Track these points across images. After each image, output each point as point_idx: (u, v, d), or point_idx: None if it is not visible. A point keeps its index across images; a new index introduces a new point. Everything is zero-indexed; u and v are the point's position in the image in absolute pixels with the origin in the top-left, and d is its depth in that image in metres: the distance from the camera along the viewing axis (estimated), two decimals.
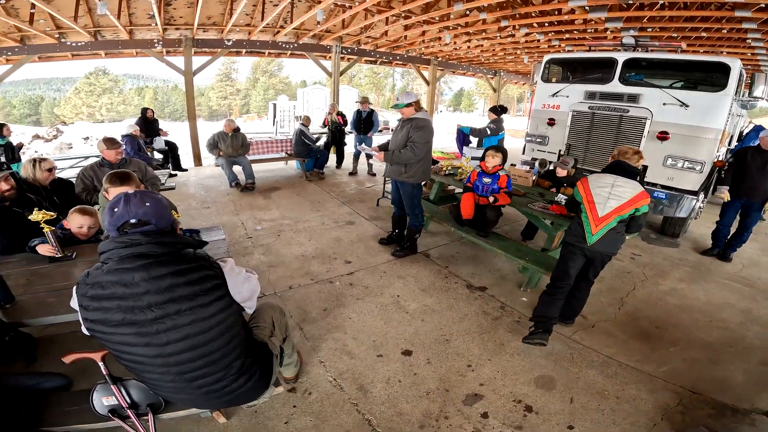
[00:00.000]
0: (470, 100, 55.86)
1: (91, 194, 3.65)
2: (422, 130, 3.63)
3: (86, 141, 15.82)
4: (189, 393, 1.51)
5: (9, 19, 6.06)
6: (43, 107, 44.34)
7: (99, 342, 1.38)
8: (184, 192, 6.55)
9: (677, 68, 5.03)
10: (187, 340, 1.34)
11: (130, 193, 1.36)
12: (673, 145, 4.68)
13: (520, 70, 15.71)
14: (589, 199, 2.69)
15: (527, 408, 2.30)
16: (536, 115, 5.99)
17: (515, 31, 8.01)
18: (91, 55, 9.20)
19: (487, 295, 3.55)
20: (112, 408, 1.54)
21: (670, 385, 2.53)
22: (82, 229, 2.59)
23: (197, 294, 1.32)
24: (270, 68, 48.59)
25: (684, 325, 3.23)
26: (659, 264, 4.43)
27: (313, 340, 2.83)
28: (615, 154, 2.79)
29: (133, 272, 1.26)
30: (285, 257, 4.16)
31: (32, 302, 1.93)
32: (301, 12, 7.96)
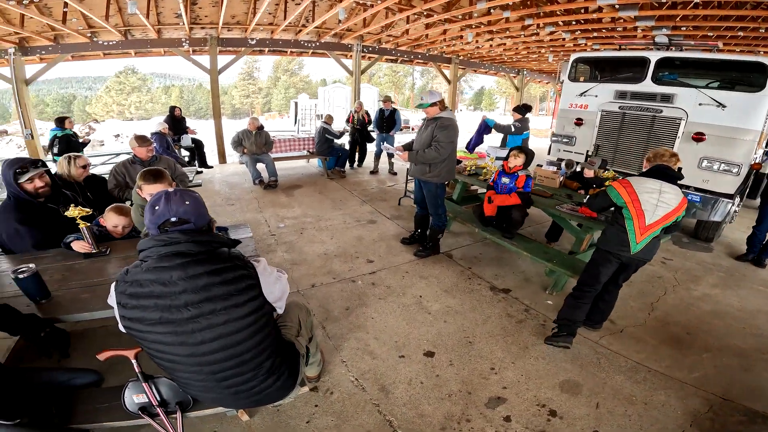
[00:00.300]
0: (491, 98, 55.13)
1: (123, 190, 3.76)
2: (447, 130, 3.59)
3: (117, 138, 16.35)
4: (218, 392, 1.52)
5: (43, 17, 6.29)
6: (75, 105, 46.03)
7: (135, 340, 1.39)
8: (210, 189, 6.69)
9: (713, 68, 4.83)
10: (220, 339, 1.35)
11: (170, 191, 1.38)
12: (709, 147, 4.51)
13: (544, 69, 15.42)
14: (636, 206, 2.49)
15: (551, 412, 2.26)
16: (563, 115, 5.86)
17: (540, 30, 7.86)
18: (121, 54, 9.52)
19: (511, 297, 3.50)
20: (142, 405, 1.56)
21: (701, 391, 2.46)
22: (117, 228, 2.65)
23: (232, 294, 1.33)
24: (291, 67, 49.17)
25: (716, 332, 3.13)
26: (692, 269, 4.28)
27: (336, 339, 2.84)
28: (650, 157, 2.64)
29: (171, 271, 1.28)
30: (308, 255, 4.20)
31: (67, 298, 1.94)
32: (323, 11, 8.02)
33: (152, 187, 2.43)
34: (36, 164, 2.57)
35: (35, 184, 2.52)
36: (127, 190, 3.76)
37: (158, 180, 2.43)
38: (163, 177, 2.45)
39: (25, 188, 2.50)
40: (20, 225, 2.48)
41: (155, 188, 2.43)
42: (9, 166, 2.47)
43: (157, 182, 2.42)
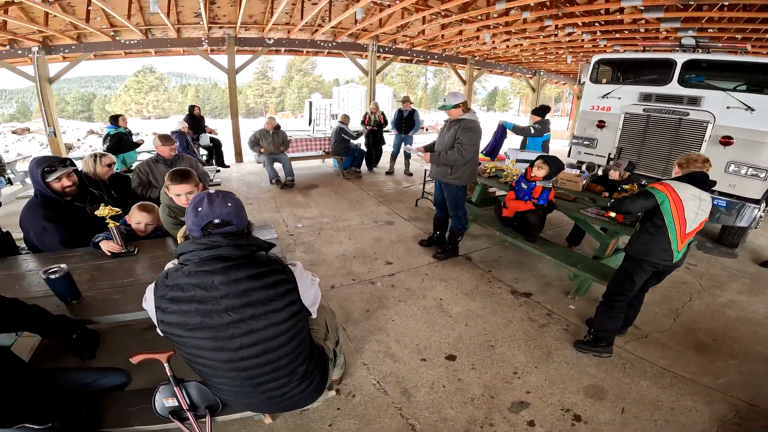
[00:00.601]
0: (504, 99, 54.73)
1: (146, 189, 3.82)
2: (470, 132, 3.57)
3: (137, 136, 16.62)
4: (253, 397, 1.51)
5: (66, 15, 6.40)
6: (95, 104, 47.07)
7: (173, 345, 1.38)
8: (227, 188, 6.73)
9: (741, 70, 4.70)
10: (259, 345, 1.34)
11: (212, 192, 1.37)
12: (737, 151, 4.39)
13: (562, 70, 15.21)
14: (680, 212, 2.40)
15: (576, 417, 2.23)
16: (584, 117, 5.77)
17: (558, 31, 7.76)
18: (142, 53, 9.66)
19: (532, 301, 3.45)
20: (172, 409, 1.55)
21: (727, 397, 2.43)
22: (140, 225, 2.65)
23: (272, 298, 1.32)
24: (304, 66, 49.53)
25: (743, 338, 3.07)
26: (716, 275, 4.18)
27: (356, 341, 2.84)
28: (683, 162, 2.54)
29: (213, 275, 1.26)
30: (326, 256, 4.21)
31: (98, 299, 1.91)
32: (339, 11, 8.04)
33: (179, 188, 2.45)
34: (64, 163, 2.56)
35: (63, 183, 2.51)
36: (151, 188, 3.82)
37: (184, 180, 2.45)
38: (190, 177, 2.47)
39: (53, 187, 2.49)
40: (47, 222, 2.48)
41: (181, 188, 2.45)
42: (37, 165, 2.46)
43: (184, 182, 2.44)
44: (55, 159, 2.55)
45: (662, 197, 2.39)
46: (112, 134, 6.04)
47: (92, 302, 1.89)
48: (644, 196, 2.46)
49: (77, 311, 1.80)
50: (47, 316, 1.61)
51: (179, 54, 9.78)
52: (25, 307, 1.58)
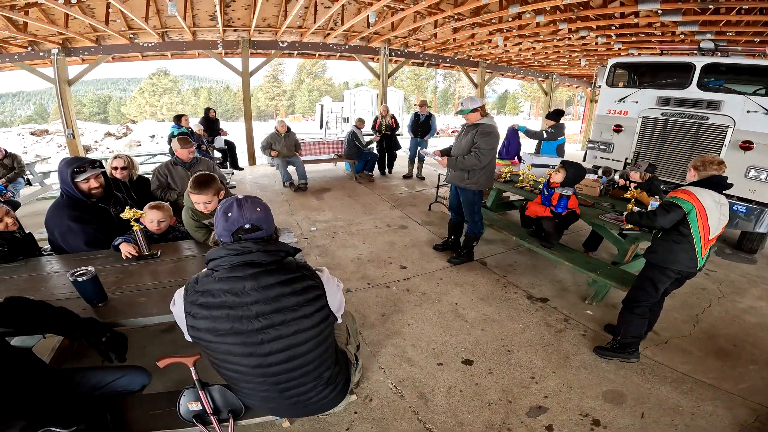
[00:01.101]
0: (515, 102, 54.42)
1: (165, 191, 3.87)
2: (488, 137, 3.57)
3: (153, 139, 16.90)
4: (279, 402, 1.52)
5: (85, 17, 6.51)
6: (110, 106, 47.94)
7: (202, 350, 1.39)
8: (242, 190, 6.84)
9: (762, 74, 4.63)
10: (288, 351, 1.35)
11: (241, 198, 1.39)
12: (757, 156, 4.32)
13: (574, 73, 15.08)
14: (704, 219, 2.37)
15: (594, 422, 2.21)
16: (600, 121, 5.72)
17: (572, 34, 7.72)
18: (158, 56, 9.82)
19: (549, 306, 3.43)
20: (196, 413, 1.55)
21: (748, 402, 2.41)
22: (153, 224, 2.67)
23: (301, 304, 1.33)
24: (314, 70, 49.83)
25: (763, 344, 3.03)
26: (736, 281, 4.12)
27: (373, 345, 2.85)
28: (699, 166, 2.48)
29: (244, 281, 1.28)
30: (341, 260, 4.23)
31: (124, 302, 1.92)
32: (351, 14, 8.10)
33: (197, 197, 2.41)
34: (93, 164, 2.59)
35: (90, 184, 2.54)
36: (170, 191, 3.87)
37: (203, 189, 2.39)
38: (208, 186, 2.40)
39: (80, 187, 2.52)
40: (73, 222, 2.52)
41: (200, 198, 2.42)
42: (67, 165, 2.50)
43: (202, 192, 2.39)
44: (86, 160, 2.58)
45: (689, 207, 2.35)
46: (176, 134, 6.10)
47: (118, 305, 1.90)
48: (673, 209, 2.39)
49: (104, 314, 1.81)
50: (75, 319, 1.61)
51: (194, 57, 9.94)
52: (52, 310, 1.58)
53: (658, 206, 2.49)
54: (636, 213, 2.63)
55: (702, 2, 4.91)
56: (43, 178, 7.63)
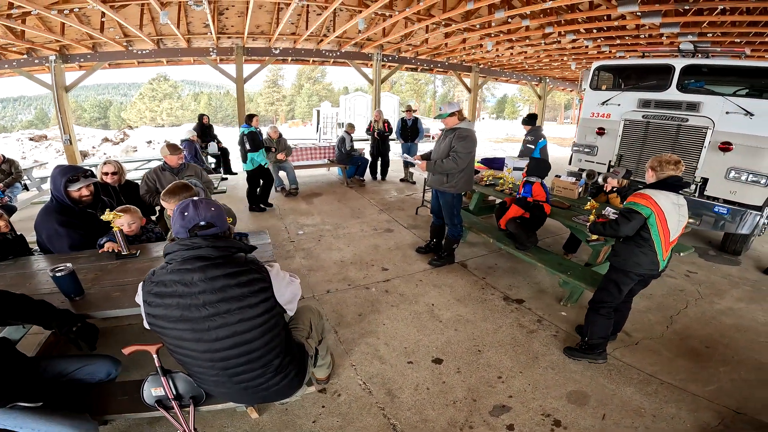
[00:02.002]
0: (514, 106, 54.53)
1: (153, 196, 3.94)
2: (465, 140, 3.63)
3: (149, 144, 17.05)
4: (229, 387, 1.63)
5: (81, 26, 6.66)
6: (111, 111, 48.28)
7: (157, 336, 1.52)
8: (234, 195, 6.92)
9: (740, 75, 4.68)
10: (233, 337, 1.47)
11: (196, 199, 1.54)
12: (737, 157, 4.35)
13: (567, 77, 15.19)
14: (663, 222, 2.38)
15: (555, 422, 2.25)
16: (584, 124, 5.78)
17: (561, 38, 7.80)
18: (154, 63, 9.97)
19: (524, 307, 3.48)
20: (159, 399, 1.67)
21: (714, 404, 2.41)
22: (123, 227, 2.73)
23: (246, 295, 1.45)
24: (314, 75, 50.16)
25: (737, 345, 3.04)
26: (716, 282, 4.13)
27: (347, 343, 2.90)
28: (656, 166, 2.46)
29: (193, 273, 1.41)
30: (324, 262, 4.29)
31: (99, 296, 2.07)
32: (343, 21, 8.21)
33: (169, 205, 2.54)
34: (86, 174, 2.74)
35: (81, 192, 2.69)
36: (158, 195, 3.94)
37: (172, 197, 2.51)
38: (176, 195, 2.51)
39: (72, 195, 2.66)
40: (60, 227, 2.64)
41: (168, 206, 2.56)
42: (62, 174, 2.63)
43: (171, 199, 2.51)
44: (79, 170, 2.72)
45: (648, 212, 2.37)
46: (247, 133, 6.08)
47: (93, 299, 2.04)
48: (633, 216, 2.39)
49: (80, 306, 1.96)
50: (51, 310, 1.76)
51: (190, 63, 10.07)
52: (31, 302, 1.73)
53: (619, 214, 2.48)
54: (599, 223, 2.63)
55: (680, 3, 4.96)
56: (41, 183, 7.74)
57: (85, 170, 2.75)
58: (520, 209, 3.87)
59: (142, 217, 2.93)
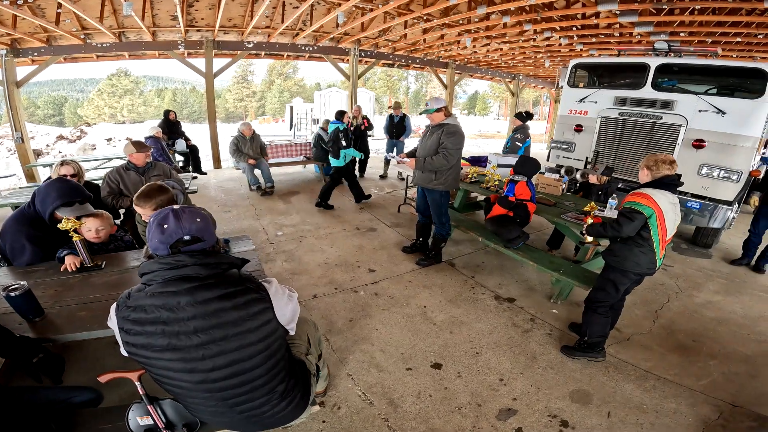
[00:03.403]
0: (485, 103, 55.50)
1: (116, 198, 3.65)
2: (455, 136, 3.56)
3: (109, 142, 16.12)
4: (230, 417, 1.45)
5: (35, 18, 6.16)
6: (66, 108, 45.48)
7: (140, 366, 1.32)
8: (205, 195, 6.58)
9: (712, 74, 4.85)
10: (232, 366, 1.28)
11: (177, 208, 1.30)
12: (709, 154, 4.52)
13: (540, 74, 15.51)
14: (661, 221, 2.38)
15: (563, 423, 2.23)
16: (562, 121, 5.85)
17: (537, 35, 7.90)
18: (115, 57, 9.38)
19: (516, 306, 3.45)
20: (147, 428, 1.48)
21: (710, 398, 2.47)
22: (90, 233, 2.54)
23: (244, 319, 1.26)
24: (285, 70, 49.07)
25: (722, 339, 3.14)
26: (693, 275, 4.28)
27: (340, 351, 2.77)
28: (651, 166, 2.46)
29: (179, 296, 1.20)
30: (308, 264, 4.12)
31: (62, 316, 1.84)
32: (320, 15, 7.99)
33: (143, 210, 2.25)
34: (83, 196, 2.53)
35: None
36: (122, 198, 3.65)
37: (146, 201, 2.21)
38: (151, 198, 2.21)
39: (56, 218, 2.41)
40: (28, 242, 2.42)
41: (142, 211, 2.26)
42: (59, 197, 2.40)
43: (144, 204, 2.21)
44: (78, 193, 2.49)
45: (650, 212, 2.36)
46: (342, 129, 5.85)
47: (56, 319, 1.82)
48: (636, 216, 2.37)
49: (40, 329, 1.75)
50: (7, 336, 1.54)
51: (155, 57, 9.55)
52: None
53: (620, 214, 2.45)
54: (599, 225, 2.60)
55: (656, 2, 5.08)
56: None
57: (83, 192, 2.52)
58: (502, 209, 3.83)
59: (114, 225, 2.66)
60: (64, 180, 2.59)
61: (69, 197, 2.42)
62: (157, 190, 2.23)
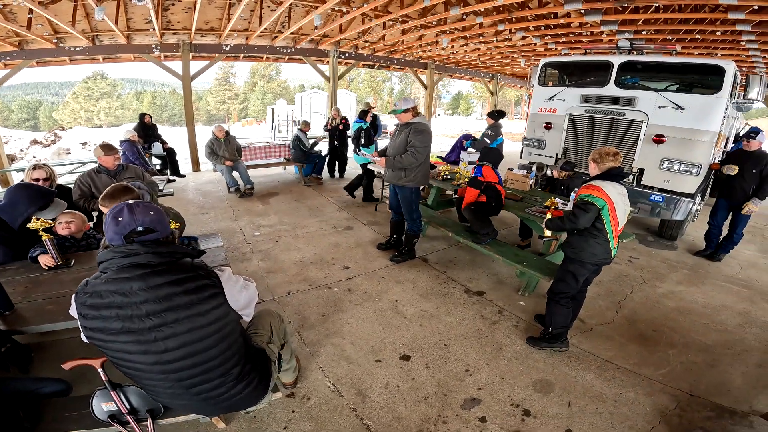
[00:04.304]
0: (468, 103, 56.00)
1: (88, 201, 3.63)
2: (422, 134, 3.66)
3: (84, 146, 15.78)
4: (188, 399, 1.53)
5: (7, 23, 6.06)
6: (41, 112, 44.28)
7: (98, 349, 1.39)
8: (183, 198, 6.55)
9: (672, 71, 5.03)
10: (185, 347, 1.36)
11: (132, 202, 1.38)
12: (670, 148, 4.69)
13: (517, 74, 15.78)
14: (612, 212, 2.48)
15: (525, 412, 2.31)
16: (533, 119, 6.00)
17: (512, 35, 8.06)
18: (88, 60, 9.21)
19: (485, 299, 3.56)
20: (111, 413, 1.56)
21: (668, 388, 2.54)
22: (60, 225, 2.59)
23: (195, 303, 1.34)
24: (268, 72, 48.64)
25: (682, 328, 3.24)
26: (656, 267, 4.43)
27: (312, 345, 2.83)
28: (597, 158, 2.57)
29: (131, 282, 1.28)
30: (283, 263, 4.16)
31: (31, 310, 1.93)
32: (299, 17, 8.00)
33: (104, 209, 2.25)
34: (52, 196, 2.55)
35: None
36: (93, 200, 3.64)
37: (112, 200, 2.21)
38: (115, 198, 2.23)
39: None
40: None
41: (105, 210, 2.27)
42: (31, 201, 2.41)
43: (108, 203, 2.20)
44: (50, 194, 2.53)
45: (602, 203, 2.46)
46: (365, 128, 5.98)
47: (25, 313, 1.91)
48: (589, 208, 2.46)
49: (9, 322, 1.84)
50: None
51: (129, 61, 9.41)
52: None
53: (575, 207, 2.56)
54: (557, 219, 2.70)
55: (619, 1, 5.24)
56: None
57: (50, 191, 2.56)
58: (475, 190, 3.93)
59: (87, 222, 2.68)
60: (28, 186, 2.59)
61: (41, 201, 2.45)
62: (122, 190, 2.27)
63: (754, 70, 9.21)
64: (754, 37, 6.06)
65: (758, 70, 9.15)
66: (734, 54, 7.85)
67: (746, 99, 4.76)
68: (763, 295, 3.87)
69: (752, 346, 3.05)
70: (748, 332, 3.23)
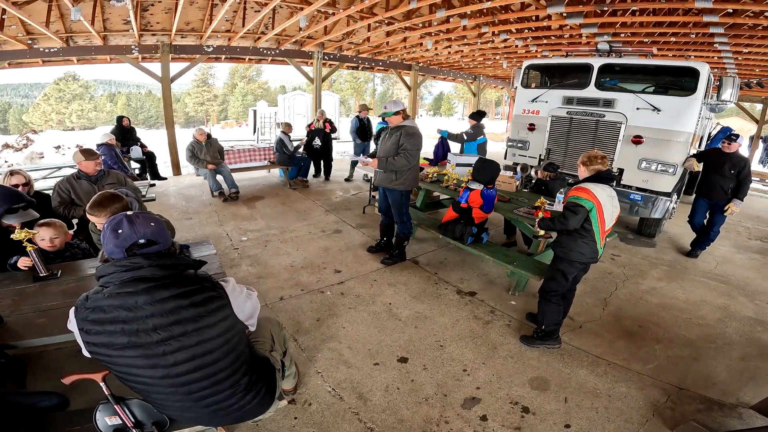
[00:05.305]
0: (449, 104, 56.53)
1: (68, 208, 3.51)
2: (413, 137, 3.69)
3: (58, 150, 15.19)
4: (197, 411, 1.51)
5: None
6: (10, 114, 42.47)
7: (103, 364, 1.36)
8: (165, 203, 6.40)
9: (649, 73, 5.21)
10: (194, 360, 1.34)
11: (131, 214, 1.35)
12: (647, 149, 4.86)
13: (499, 75, 16.03)
14: (600, 213, 2.57)
15: (524, 409, 2.36)
16: (517, 121, 6.11)
17: (494, 37, 8.18)
18: (63, 62, 8.92)
19: (476, 300, 3.61)
20: (116, 428, 1.52)
21: (658, 382, 2.63)
22: (44, 242, 2.50)
23: (202, 315, 1.32)
24: (248, 74, 47.92)
25: (665, 323, 3.35)
26: (638, 264, 4.58)
27: (309, 350, 2.82)
28: (586, 161, 2.67)
29: (137, 296, 1.26)
30: (273, 268, 4.12)
31: (20, 323, 1.86)
32: (283, 18, 7.93)
33: (97, 219, 2.19)
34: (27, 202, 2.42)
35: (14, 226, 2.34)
36: (74, 207, 3.52)
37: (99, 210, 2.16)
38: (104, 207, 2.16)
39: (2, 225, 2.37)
40: None
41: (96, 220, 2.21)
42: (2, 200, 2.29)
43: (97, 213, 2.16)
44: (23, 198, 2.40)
45: (591, 205, 2.55)
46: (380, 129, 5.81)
47: (14, 327, 1.84)
48: (579, 210, 2.55)
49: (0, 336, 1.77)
50: None
51: (106, 62, 9.14)
52: None
53: (565, 208, 2.64)
54: (548, 219, 2.78)
55: (599, 4, 5.39)
56: None
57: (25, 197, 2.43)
58: (454, 213, 4.01)
59: (68, 232, 2.60)
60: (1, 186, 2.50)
61: (11, 202, 2.33)
62: (110, 198, 2.21)
63: (725, 72, 9.56)
64: (727, 39, 6.29)
65: (729, 72, 9.50)
66: (706, 55, 8.15)
67: (719, 100, 4.95)
68: (740, 290, 4.05)
69: (733, 339, 3.19)
70: (728, 326, 3.37)
